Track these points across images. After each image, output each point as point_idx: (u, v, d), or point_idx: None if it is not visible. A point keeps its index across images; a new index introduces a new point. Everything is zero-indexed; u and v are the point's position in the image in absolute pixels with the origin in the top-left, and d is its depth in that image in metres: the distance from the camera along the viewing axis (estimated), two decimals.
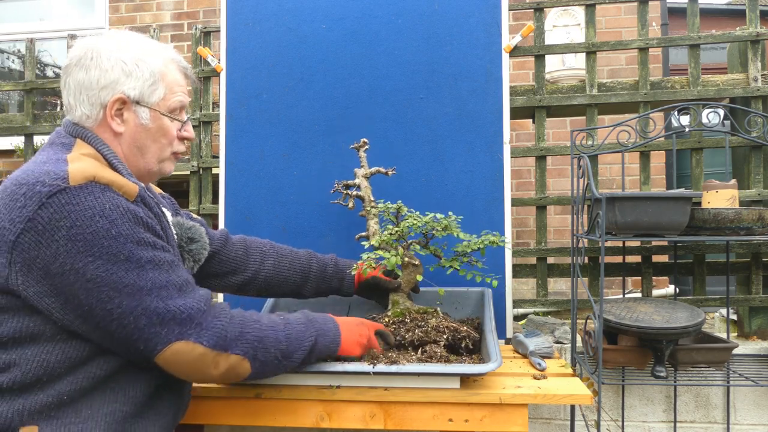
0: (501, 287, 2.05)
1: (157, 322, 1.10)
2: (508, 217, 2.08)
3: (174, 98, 1.27)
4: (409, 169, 2.12)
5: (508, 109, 2.11)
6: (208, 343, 1.14)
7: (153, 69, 1.24)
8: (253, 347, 1.19)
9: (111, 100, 1.21)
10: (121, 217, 1.09)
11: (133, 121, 1.24)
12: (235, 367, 1.18)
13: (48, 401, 1.09)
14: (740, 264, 2.27)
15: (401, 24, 2.15)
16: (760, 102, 2.25)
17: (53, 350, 1.10)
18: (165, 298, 1.11)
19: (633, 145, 2.13)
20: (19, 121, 2.78)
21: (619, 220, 1.75)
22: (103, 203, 1.08)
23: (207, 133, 2.58)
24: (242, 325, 1.19)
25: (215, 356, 1.15)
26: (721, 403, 2.05)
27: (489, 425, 1.38)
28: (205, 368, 1.15)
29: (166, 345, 1.11)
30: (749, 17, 2.27)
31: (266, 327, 1.23)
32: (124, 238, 1.09)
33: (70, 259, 1.06)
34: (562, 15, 3.69)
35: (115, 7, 4.92)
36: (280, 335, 1.24)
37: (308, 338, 1.28)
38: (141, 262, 1.10)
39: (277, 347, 1.23)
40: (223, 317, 1.17)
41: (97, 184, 1.09)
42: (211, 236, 1.61)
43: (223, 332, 1.15)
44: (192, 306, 1.13)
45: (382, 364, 1.39)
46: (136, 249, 1.10)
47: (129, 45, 1.24)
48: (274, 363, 1.24)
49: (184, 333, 1.12)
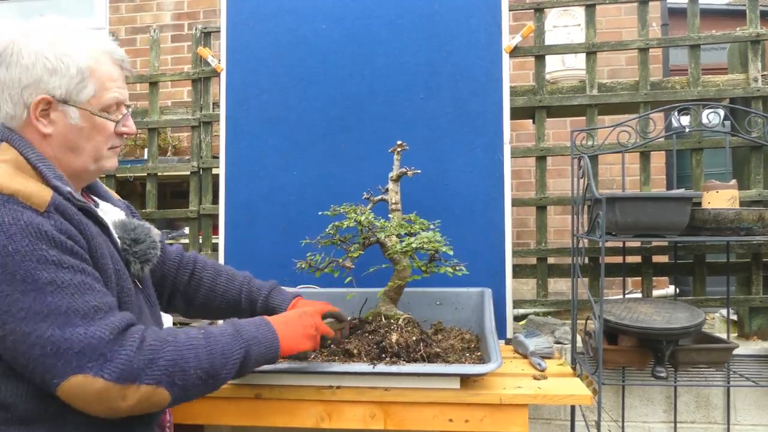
0: (501, 287, 2.05)
1: (51, 352, 0.98)
2: (508, 217, 2.08)
3: (107, 95, 1.16)
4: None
5: (508, 109, 2.11)
6: (110, 377, 0.99)
7: (80, 65, 1.13)
8: (167, 374, 1.04)
9: (34, 101, 1.11)
10: (20, 232, 0.99)
11: (62, 122, 1.14)
12: (149, 397, 1.03)
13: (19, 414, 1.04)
14: (740, 264, 2.27)
15: (401, 24, 2.15)
16: (760, 102, 2.25)
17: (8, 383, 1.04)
18: (63, 325, 0.98)
19: (633, 145, 2.13)
20: None
21: (619, 221, 1.75)
22: (2, 217, 1.00)
23: (207, 133, 2.58)
24: (154, 351, 1.04)
25: (120, 389, 1.00)
26: (721, 404, 2.05)
27: (489, 425, 1.38)
28: (111, 402, 1.01)
29: (63, 378, 0.98)
30: (749, 17, 2.27)
31: (183, 347, 1.08)
32: (22, 256, 0.99)
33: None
34: (562, 15, 3.69)
35: (115, 8, 4.92)
36: (201, 353, 1.10)
37: (237, 351, 1.15)
38: (39, 283, 0.99)
39: (198, 367, 1.08)
40: (129, 345, 1.02)
41: (1, 195, 1.01)
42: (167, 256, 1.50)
43: (128, 363, 1.00)
44: (93, 335, 0.99)
45: (382, 364, 1.39)
46: (35, 268, 0.99)
47: (54, 38, 1.13)
48: (197, 384, 1.09)
49: (83, 366, 0.98)
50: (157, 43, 2.67)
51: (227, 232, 2.19)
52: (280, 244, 2.13)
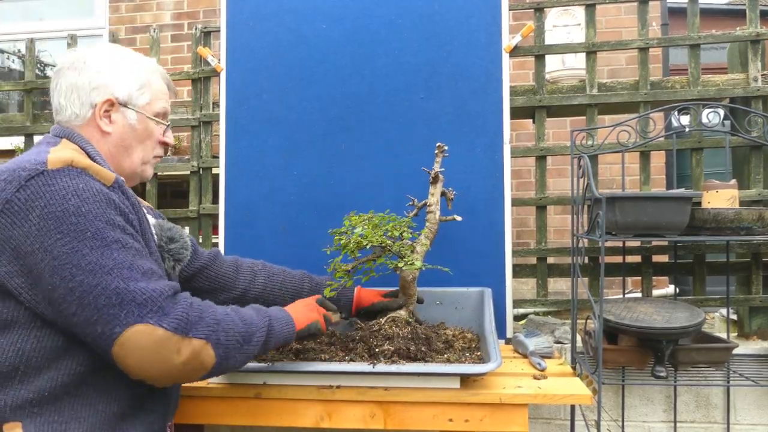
0: (501, 287, 2.05)
1: (116, 302, 1.06)
2: (508, 217, 2.08)
3: (158, 104, 1.35)
4: (409, 169, 2.12)
5: (508, 109, 2.11)
6: (169, 326, 1.08)
7: (141, 75, 1.32)
8: (214, 331, 1.14)
9: (101, 101, 1.27)
10: (93, 197, 1.10)
11: (121, 122, 1.30)
12: (199, 353, 1.12)
13: (29, 397, 1.09)
14: (740, 264, 2.27)
15: (401, 24, 2.15)
16: (760, 102, 2.25)
17: (27, 338, 1.10)
18: (127, 279, 1.08)
19: (633, 145, 2.13)
20: (19, 121, 2.78)
21: (619, 220, 1.76)
22: (77, 184, 1.10)
23: (207, 133, 2.58)
24: (202, 310, 1.15)
25: (177, 341, 1.08)
26: (721, 403, 2.05)
27: (489, 425, 1.38)
28: (167, 354, 1.08)
29: (125, 327, 1.06)
30: (749, 17, 2.27)
31: (221, 312, 1.20)
32: (93, 216, 1.09)
33: (40, 237, 1.07)
34: (562, 15, 3.70)
35: (115, 7, 4.92)
36: (236, 319, 1.21)
37: (262, 321, 1.27)
38: (107, 240, 1.09)
39: (236, 330, 1.19)
40: (183, 302, 1.13)
41: (74, 168, 1.12)
42: (200, 252, 1.63)
43: (184, 315, 1.10)
44: (154, 289, 1.09)
45: (382, 364, 1.39)
46: (104, 227, 1.10)
47: (119, 53, 1.33)
48: (236, 347, 1.19)
49: (144, 316, 1.07)
50: (157, 43, 2.67)
51: (227, 231, 2.19)
52: (280, 244, 2.14)
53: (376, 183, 2.13)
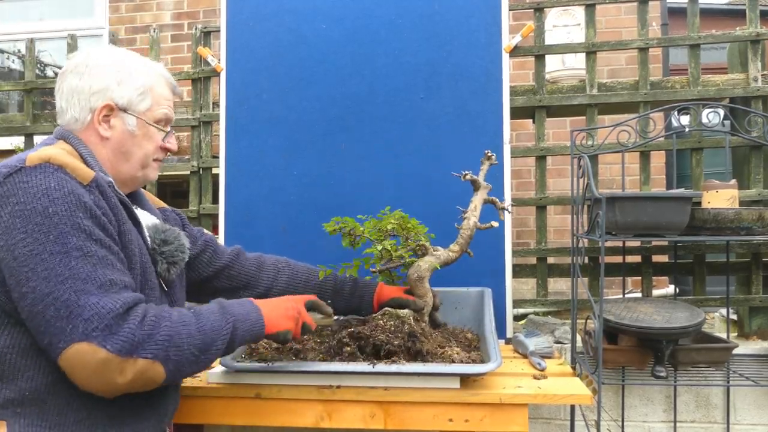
0: (501, 287, 2.05)
1: (64, 315, 1.03)
2: (508, 217, 2.08)
3: (159, 110, 1.33)
4: (409, 169, 2.12)
5: (508, 109, 2.11)
6: (113, 348, 1.03)
7: (143, 81, 1.30)
8: (163, 348, 1.09)
9: (100, 106, 1.26)
10: (63, 198, 1.08)
11: (119, 128, 1.28)
12: (145, 371, 1.07)
13: (11, 396, 1.09)
14: (740, 264, 2.27)
15: (401, 24, 2.15)
16: (760, 102, 2.25)
17: (1, 335, 1.10)
18: (80, 291, 1.04)
19: (633, 145, 2.13)
20: (19, 121, 2.78)
21: (619, 220, 1.76)
22: (49, 182, 1.09)
23: (207, 133, 2.58)
24: (153, 326, 1.09)
25: (120, 362, 1.04)
26: (721, 403, 2.05)
27: (489, 425, 1.38)
28: (109, 375, 1.05)
29: (69, 344, 1.03)
30: (749, 17, 2.27)
31: (177, 323, 1.13)
32: (59, 218, 1.07)
33: (6, 234, 1.06)
34: (562, 15, 3.70)
35: (115, 7, 4.92)
36: (193, 329, 1.15)
37: (225, 327, 1.20)
38: (68, 247, 1.06)
39: (191, 343, 1.13)
40: (132, 320, 1.07)
41: (50, 165, 1.11)
42: (221, 251, 1.62)
43: (130, 336, 1.05)
44: (105, 306, 1.05)
45: (382, 363, 1.39)
46: (68, 232, 1.07)
47: (124, 58, 1.31)
48: (190, 360, 1.14)
49: (89, 333, 1.03)
50: (157, 43, 2.67)
51: (227, 231, 2.19)
52: (280, 244, 2.13)
53: (376, 183, 2.13)
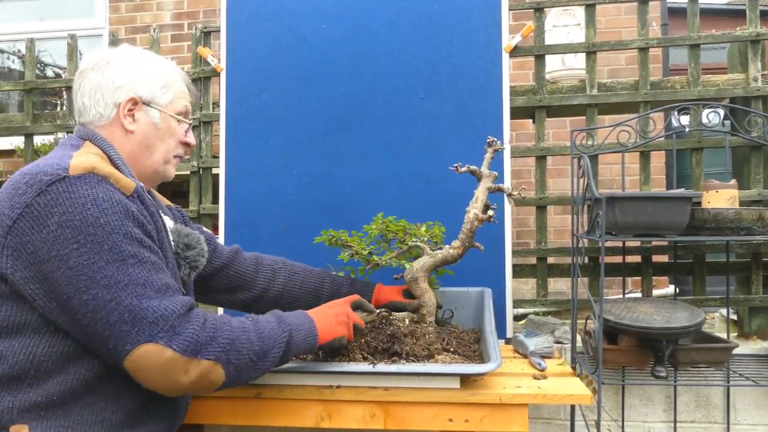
0: (501, 287, 2.05)
1: (128, 319, 1.06)
2: (508, 217, 2.08)
3: (180, 102, 1.36)
4: (409, 169, 2.12)
5: (508, 109, 2.11)
6: (178, 348, 1.07)
7: (164, 75, 1.33)
8: (225, 351, 1.13)
9: (125, 99, 1.28)
10: (112, 208, 1.10)
11: (144, 121, 1.31)
12: (208, 373, 1.11)
13: (37, 400, 1.09)
14: (740, 264, 2.27)
15: (401, 24, 2.15)
16: (760, 102, 2.25)
17: (39, 343, 1.10)
18: (140, 296, 1.08)
19: (633, 145, 2.13)
20: (19, 121, 2.78)
21: (619, 220, 1.75)
22: (97, 193, 1.10)
23: (207, 133, 2.58)
24: (214, 329, 1.13)
25: (185, 362, 1.08)
26: (721, 403, 2.05)
27: (489, 425, 1.38)
28: (175, 375, 1.08)
29: (135, 346, 1.06)
30: (749, 17, 2.27)
31: (237, 329, 1.17)
32: (111, 228, 1.09)
33: (57, 244, 1.07)
34: (562, 15, 3.70)
35: (115, 7, 4.92)
36: (252, 336, 1.18)
37: (282, 335, 1.23)
38: (123, 255, 1.09)
39: (250, 348, 1.17)
40: (195, 322, 1.12)
41: (95, 175, 1.12)
42: (220, 250, 1.62)
43: (194, 337, 1.09)
44: (167, 308, 1.09)
45: (382, 363, 1.39)
46: (121, 241, 1.09)
47: (141, 54, 1.35)
48: (249, 365, 1.17)
49: (154, 335, 1.07)
50: (157, 43, 2.67)
51: (227, 231, 2.19)
52: (280, 244, 2.13)
53: (376, 183, 2.13)
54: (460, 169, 1.66)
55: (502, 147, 1.70)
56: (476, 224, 1.62)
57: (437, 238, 1.75)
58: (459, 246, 1.64)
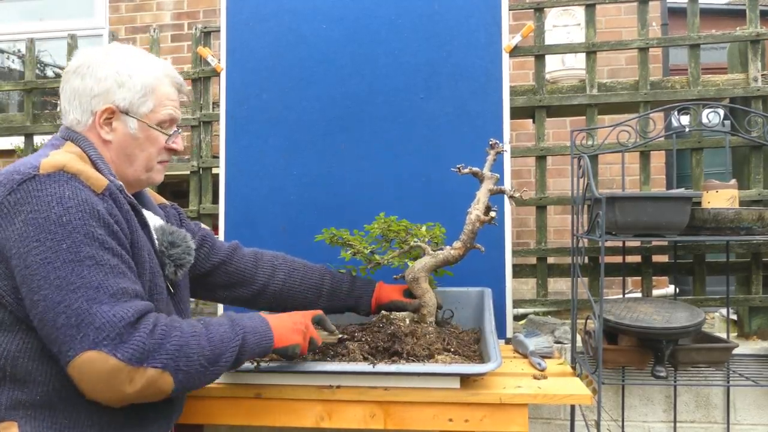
0: (501, 287, 2.05)
1: (75, 323, 1.03)
2: (508, 217, 2.08)
3: (163, 111, 1.30)
4: (409, 169, 2.12)
5: (508, 109, 2.11)
6: (123, 356, 1.03)
7: (145, 82, 1.27)
8: (173, 358, 1.09)
9: (101, 109, 1.25)
10: (76, 206, 1.09)
11: (121, 130, 1.27)
12: (155, 381, 1.07)
13: (22, 398, 1.09)
14: (740, 264, 2.27)
15: (401, 24, 2.15)
16: (760, 102, 2.25)
17: (13, 339, 1.10)
18: (91, 300, 1.05)
19: (633, 145, 2.13)
20: (19, 121, 2.78)
21: (619, 220, 1.75)
22: (63, 191, 1.09)
23: (207, 133, 2.58)
24: (162, 336, 1.09)
25: (130, 371, 1.04)
26: (721, 403, 2.05)
27: (489, 425, 1.38)
28: (119, 384, 1.05)
29: (78, 352, 1.03)
30: (749, 17, 2.27)
31: (187, 334, 1.13)
32: (73, 227, 1.07)
33: (19, 242, 1.07)
34: (562, 15, 3.69)
35: (115, 7, 4.92)
36: (203, 340, 1.14)
37: (234, 339, 1.19)
38: (80, 256, 1.07)
39: (201, 354, 1.13)
40: (143, 329, 1.07)
41: (65, 173, 1.11)
42: (219, 246, 1.61)
43: (140, 345, 1.05)
44: (116, 314, 1.05)
45: (382, 363, 1.39)
46: (81, 241, 1.07)
47: (126, 58, 1.28)
48: (199, 371, 1.14)
49: (99, 342, 1.03)
50: (157, 43, 2.67)
51: (227, 231, 2.19)
52: (280, 244, 2.12)
53: (376, 183, 2.13)
54: (462, 171, 1.66)
55: (504, 149, 1.69)
56: (478, 225, 1.62)
57: (438, 239, 1.75)
58: (460, 247, 1.64)
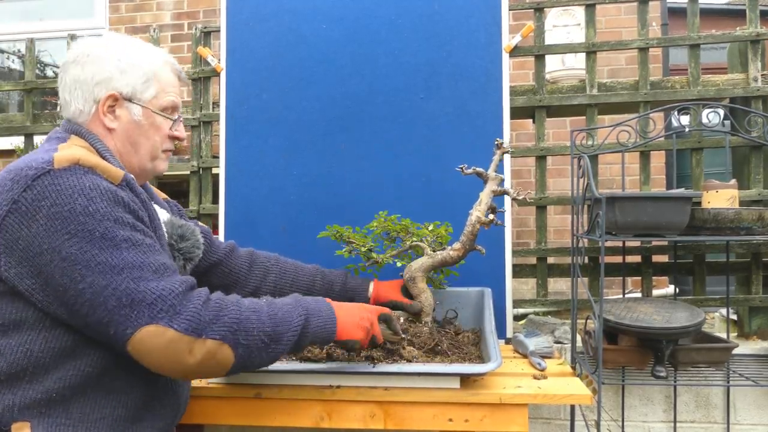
0: (501, 287, 2.05)
1: (126, 303, 1.05)
2: (508, 217, 2.08)
3: (166, 97, 1.30)
4: (409, 169, 2.12)
5: (508, 109, 2.11)
6: (179, 327, 1.05)
7: (147, 68, 1.27)
8: (231, 330, 1.10)
9: (104, 96, 1.24)
10: (100, 196, 1.09)
11: (125, 118, 1.26)
12: (215, 353, 1.08)
13: (37, 397, 1.09)
14: (740, 264, 2.27)
15: (401, 24, 2.15)
16: (760, 102, 2.25)
17: (36, 338, 1.10)
18: (137, 279, 1.06)
19: (633, 145, 2.13)
20: (19, 121, 2.78)
21: (619, 220, 1.75)
22: (83, 183, 1.09)
23: (207, 133, 2.58)
24: (219, 309, 1.11)
25: (189, 342, 1.06)
26: (721, 403, 2.05)
27: (489, 425, 1.38)
28: (179, 355, 1.06)
29: (136, 329, 1.04)
30: (749, 17, 2.27)
31: (247, 309, 1.14)
32: (101, 215, 1.08)
33: (48, 237, 1.06)
34: (562, 15, 3.69)
35: (115, 7, 4.92)
36: (263, 316, 1.15)
37: (297, 317, 1.19)
38: (116, 240, 1.07)
39: (261, 329, 1.13)
40: (196, 300, 1.09)
41: (81, 167, 1.11)
42: (216, 245, 1.61)
43: (196, 315, 1.07)
44: (165, 288, 1.07)
45: (382, 363, 1.39)
46: (113, 227, 1.08)
47: (126, 45, 1.28)
48: (260, 347, 1.14)
49: (154, 316, 1.05)
50: (157, 43, 2.67)
51: (227, 231, 2.19)
52: (280, 244, 2.13)
53: (376, 183, 2.13)
54: (465, 171, 1.65)
55: (510, 149, 1.67)
56: (478, 227, 1.62)
57: (443, 239, 1.75)
58: (459, 248, 1.64)
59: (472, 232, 1.62)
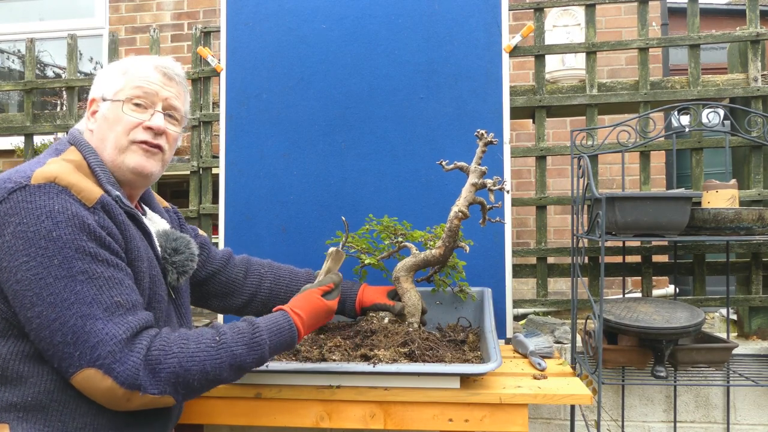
0: (501, 287, 2.05)
1: (71, 341, 1.04)
2: (508, 217, 2.08)
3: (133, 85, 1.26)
4: (409, 169, 2.12)
5: (508, 109, 2.11)
6: (116, 379, 1.05)
7: (122, 67, 1.30)
8: (170, 383, 1.10)
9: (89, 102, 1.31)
10: (66, 221, 1.07)
11: (99, 116, 1.29)
12: (154, 402, 1.09)
13: (13, 400, 1.09)
14: (740, 264, 2.27)
15: (401, 24, 2.15)
16: (760, 102, 2.25)
17: (5, 344, 1.10)
18: (85, 316, 1.05)
19: (633, 145, 2.13)
20: (19, 121, 2.78)
21: (619, 220, 1.75)
22: (53, 204, 1.08)
23: (207, 133, 2.58)
24: (158, 362, 1.09)
25: (126, 393, 1.06)
26: (721, 403, 2.05)
27: (489, 425, 1.38)
28: (119, 402, 1.08)
29: (78, 369, 1.05)
30: (749, 17, 2.27)
31: (188, 359, 1.12)
32: (63, 242, 1.06)
33: (9, 255, 1.06)
34: (562, 15, 3.69)
35: (115, 7, 4.92)
36: (208, 365, 1.13)
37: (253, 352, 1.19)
38: (73, 271, 1.06)
39: (204, 378, 1.13)
40: (137, 353, 1.07)
41: (56, 185, 1.10)
42: (214, 255, 1.62)
43: (134, 372, 1.06)
44: (109, 332, 1.05)
45: (382, 364, 1.39)
46: (73, 256, 1.07)
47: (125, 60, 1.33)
48: (202, 388, 1.15)
49: (94, 360, 1.04)
50: (157, 43, 2.67)
51: (227, 231, 2.19)
52: (280, 244, 2.14)
53: (376, 183, 2.14)
54: (446, 167, 1.64)
55: (494, 140, 1.60)
56: (456, 222, 1.59)
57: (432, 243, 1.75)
58: (440, 246, 1.63)
59: (451, 228, 1.60)
